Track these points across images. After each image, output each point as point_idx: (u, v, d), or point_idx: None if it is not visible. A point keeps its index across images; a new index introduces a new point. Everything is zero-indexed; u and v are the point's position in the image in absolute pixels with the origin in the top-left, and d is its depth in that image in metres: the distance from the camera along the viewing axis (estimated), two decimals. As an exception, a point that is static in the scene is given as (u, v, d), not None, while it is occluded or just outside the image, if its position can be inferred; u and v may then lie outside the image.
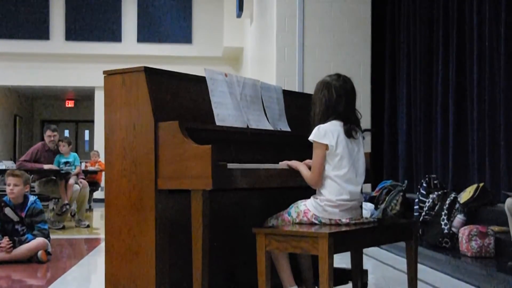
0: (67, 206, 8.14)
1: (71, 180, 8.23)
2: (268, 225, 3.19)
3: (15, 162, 10.86)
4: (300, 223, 3.07)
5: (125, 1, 15.05)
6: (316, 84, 3.19)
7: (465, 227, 4.84)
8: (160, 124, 2.81)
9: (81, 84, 15.27)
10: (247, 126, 3.31)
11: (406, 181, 6.91)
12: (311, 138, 3.04)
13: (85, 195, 8.60)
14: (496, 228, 4.74)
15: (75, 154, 8.76)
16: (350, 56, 8.22)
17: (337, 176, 3.00)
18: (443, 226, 5.15)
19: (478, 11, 6.04)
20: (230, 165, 2.76)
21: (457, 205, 5.21)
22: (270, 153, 3.36)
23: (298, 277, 3.26)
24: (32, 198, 5.51)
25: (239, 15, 11.72)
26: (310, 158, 3.16)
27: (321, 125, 3.04)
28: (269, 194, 3.51)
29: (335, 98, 3.07)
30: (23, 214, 5.38)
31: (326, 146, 3.00)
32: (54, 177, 8.26)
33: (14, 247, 5.19)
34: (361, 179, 3.11)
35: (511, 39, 5.49)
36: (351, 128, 3.06)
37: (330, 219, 3.01)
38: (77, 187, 8.33)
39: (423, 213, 5.45)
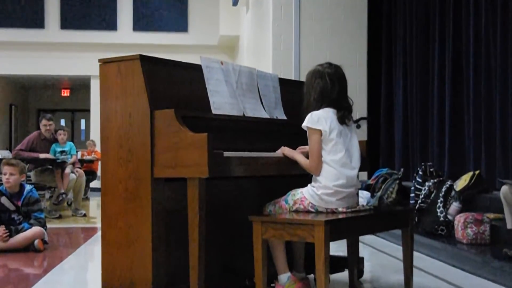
0: (63, 195, 8.14)
1: (67, 169, 8.22)
2: (266, 211, 3.20)
3: (11, 151, 10.84)
4: (297, 211, 3.08)
5: (120, -11, 14.99)
6: (307, 73, 3.22)
7: (461, 214, 4.86)
8: (156, 112, 2.80)
9: (76, 73, 15.21)
10: (243, 114, 3.30)
11: (402, 169, 6.91)
12: (304, 124, 3.06)
13: (81, 184, 8.59)
14: (492, 216, 4.76)
15: (71, 143, 8.73)
16: (347, 44, 8.21)
17: (333, 161, 3.01)
18: (439, 214, 5.17)
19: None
20: (226, 153, 2.76)
21: (453, 193, 5.22)
22: (266, 141, 3.36)
23: (290, 263, 3.27)
24: (28, 187, 5.50)
25: (235, 3, 11.69)
26: (305, 145, 3.18)
27: (314, 112, 3.07)
28: (265, 182, 3.50)
29: (330, 86, 3.10)
30: (20, 203, 5.37)
31: (320, 132, 3.02)
32: (50, 166, 8.25)
33: (10, 236, 5.18)
34: (357, 164, 3.11)
35: (507, 26, 5.48)
36: (344, 115, 3.09)
37: (326, 208, 3.02)
38: (73, 176, 8.33)
39: (419, 201, 5.47)
